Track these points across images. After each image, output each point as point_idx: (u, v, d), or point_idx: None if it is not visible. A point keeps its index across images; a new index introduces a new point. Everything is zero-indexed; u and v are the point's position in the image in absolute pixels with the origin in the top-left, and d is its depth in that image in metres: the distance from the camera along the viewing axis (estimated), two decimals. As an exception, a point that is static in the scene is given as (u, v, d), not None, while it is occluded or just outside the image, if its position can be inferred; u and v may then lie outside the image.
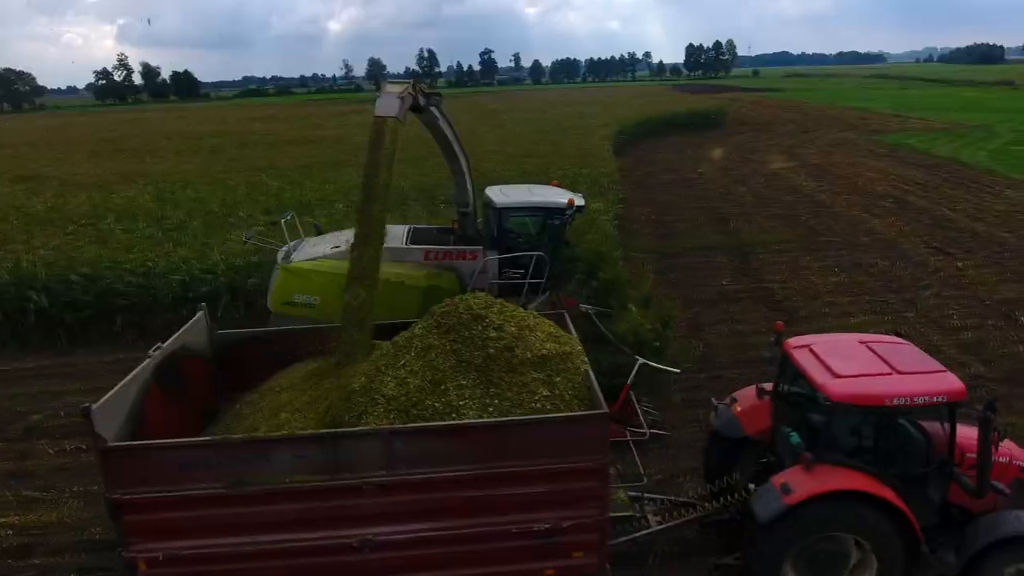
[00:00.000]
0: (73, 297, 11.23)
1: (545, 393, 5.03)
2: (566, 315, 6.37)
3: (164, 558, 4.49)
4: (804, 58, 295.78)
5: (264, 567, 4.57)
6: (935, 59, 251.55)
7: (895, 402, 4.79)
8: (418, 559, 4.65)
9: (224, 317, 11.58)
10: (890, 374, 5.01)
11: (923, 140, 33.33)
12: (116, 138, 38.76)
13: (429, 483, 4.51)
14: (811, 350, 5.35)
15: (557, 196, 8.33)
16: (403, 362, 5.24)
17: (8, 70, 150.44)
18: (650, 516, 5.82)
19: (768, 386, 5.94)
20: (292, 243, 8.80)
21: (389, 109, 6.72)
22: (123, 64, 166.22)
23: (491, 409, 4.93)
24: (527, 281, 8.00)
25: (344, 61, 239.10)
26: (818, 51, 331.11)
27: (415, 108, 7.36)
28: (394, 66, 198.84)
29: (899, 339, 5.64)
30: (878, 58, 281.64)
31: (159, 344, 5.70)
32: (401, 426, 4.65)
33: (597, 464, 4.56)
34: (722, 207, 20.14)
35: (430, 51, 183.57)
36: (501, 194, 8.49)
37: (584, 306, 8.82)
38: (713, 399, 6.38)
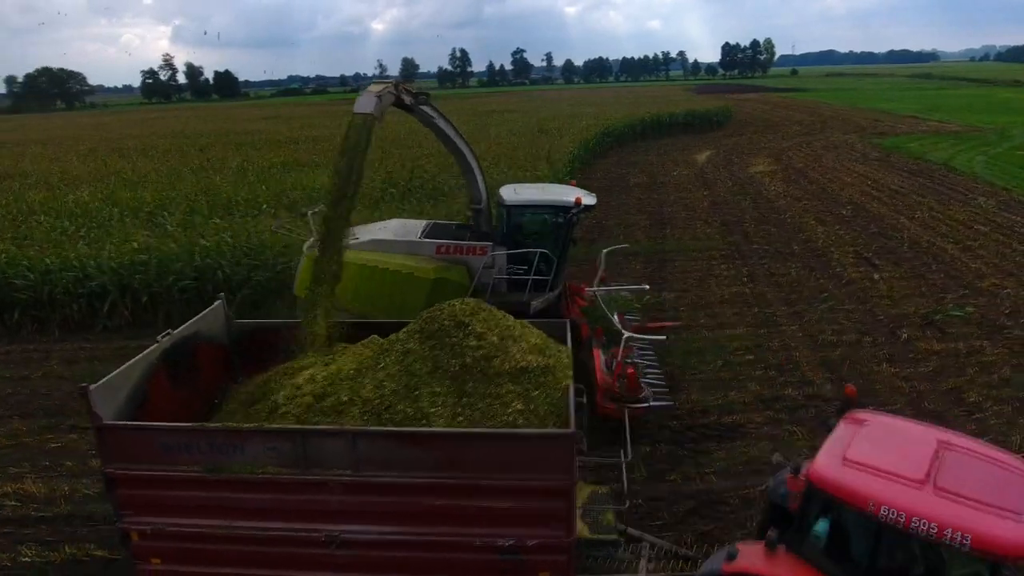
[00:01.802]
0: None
1: (519, 407, 4.92)
2: (568, 324, 6.11)
3: (151, 532, 4.79)
4: (851, 57, 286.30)
5: (239, 551, 4.74)
6: (991, 58, 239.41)
7: (884, 513, 3.64)
8: (383, 561, 4.65)
9: (111, 313, 12.08)
10: (921, 485, 3.75)
11: (926, 144, 31.84)
12: (116, 137, 40.31)
13: (393, 487, 4.49)
14: (861, 426, 4.30)
15: (567, 195, 8.37)
16: (383, 364, 5.31)
17: (62, 70, 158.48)
18: (642, 561, 5.27)
19: None
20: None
21: (365, 106, 6.90)
22: (168, 64, 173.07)
23: (461, 419, 4.87)
24: (531, 278, 8.12)
25: (379, 61, 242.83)
26: (867, 49, 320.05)
27: (405, 107, 7.57)
28: (428, 65, 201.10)
29: (998, 451, 4.26)
30: (931, 57, 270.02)
31: (168, 331, 5.96)
32: (365, 428, 4.70)
33: (562, 484, 4.37)
34: (671, 211, 19.67)
35: (463, 51, 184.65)
36: (512, 192, 8.63)
37: (590, 290, 9.04)
38: (775, 456, 5.57)
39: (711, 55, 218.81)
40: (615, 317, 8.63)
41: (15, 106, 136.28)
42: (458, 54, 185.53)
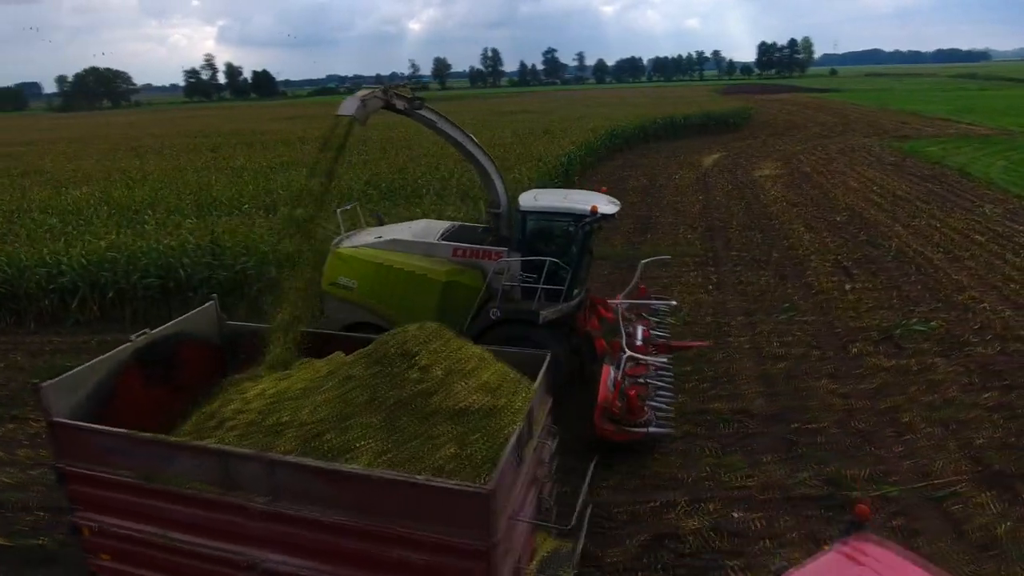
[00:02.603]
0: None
1: (452, 451, 4.50)
2: (547, 357, 5.41)
3: (98, 529, 4.86)
4: (896, 56, 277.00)
5: (175, 562, 4.69)
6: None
7: None
8: None
9: (81, 308, 12.48)
10: None
11: (948, 148, 30.60)
12: (137, 136, 41.66)
13: (308, 522, 4.24)
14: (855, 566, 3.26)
15: (585, 203, 7.93)
16: (325, 387, 5.06)
17: (108, 70, 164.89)
18: None
19: None
20: (354, 231, 9.25)
21: (347, 109, 6.89)
22: (209, 64, 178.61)
23: (385, 457, 4.53)
24: (541, 287, 7.91)
25: (411, 60, 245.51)
26: (913, 48, 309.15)
27: (402, 112, 7.55)
28: (459, 65, 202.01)
29: None
30: (981, 56, 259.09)
31: (145, 330, 5.94)
32: (282, 456, 4.44)
33: (478, 547, 3.92)
34: (659, 216, 19.33)
35: (494, 51, 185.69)
36: (531, 197, 8.43)
37: (613, 302, 8.92)
38: (776, 565, 5.24)
39: (748, 54, 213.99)
40: (638, 333, 8.45)
41: (65, 105, 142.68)
42: (489, 54, 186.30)
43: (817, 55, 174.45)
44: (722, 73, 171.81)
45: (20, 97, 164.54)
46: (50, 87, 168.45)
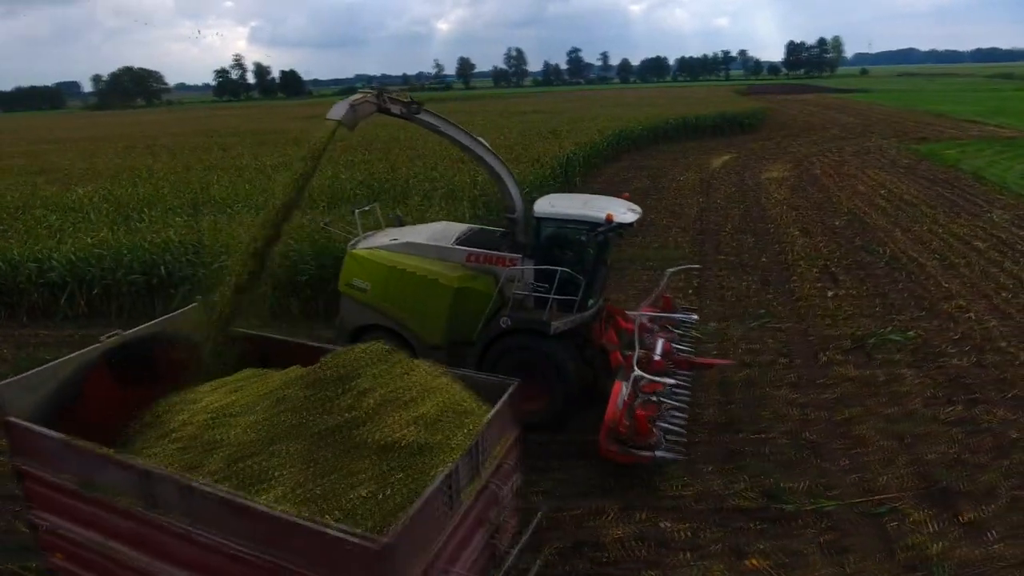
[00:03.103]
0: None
1: (367, 491, 4.10)
2: (512, 387, 4.96)
3: (49, 529, 4.85)
4: (933, 56, 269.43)
5: (110, 569, 4.63)
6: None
7: None
8: None
9: (69, 303, 12.82)
10: None
11: (968, 150, 29.67)
12: (155, 134, 42.63)
13: (219, 550, 4.02)
14: None
15: (601, 210, 7.52)
16: (259, 407, 4.84)
17: (142, 69, 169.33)
18: None
19: None
20: (372, 232, 9.19)
21: (335, 114, 6.70)
22: (239, 64, 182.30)
23: (302, 490, 4.21)
24: (551, 296, 7.56)
25: (435, 60, 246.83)
26: (951, 48, 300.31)
27: (397, 116, 7.33)
28: (483, 64, 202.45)
29: None
30: (1022, 56, 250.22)
31: (117, 331, 5.87)
32: (192, 480, 4.23)
33: None
34: (653, 218, 19.06)
35: (518, 50, 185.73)
36: (546, 203, 8.07)
37: (632, 313, 8.70)
38: None
39: (776, 54, 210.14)
40: (658, 347, 8.15)
41: (100, 104, 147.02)
42: (513, 54, 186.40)
43: (850, 55, 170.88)
44: (748, 73, 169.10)
45: (58, 96, 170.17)
46: (89, 87, 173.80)
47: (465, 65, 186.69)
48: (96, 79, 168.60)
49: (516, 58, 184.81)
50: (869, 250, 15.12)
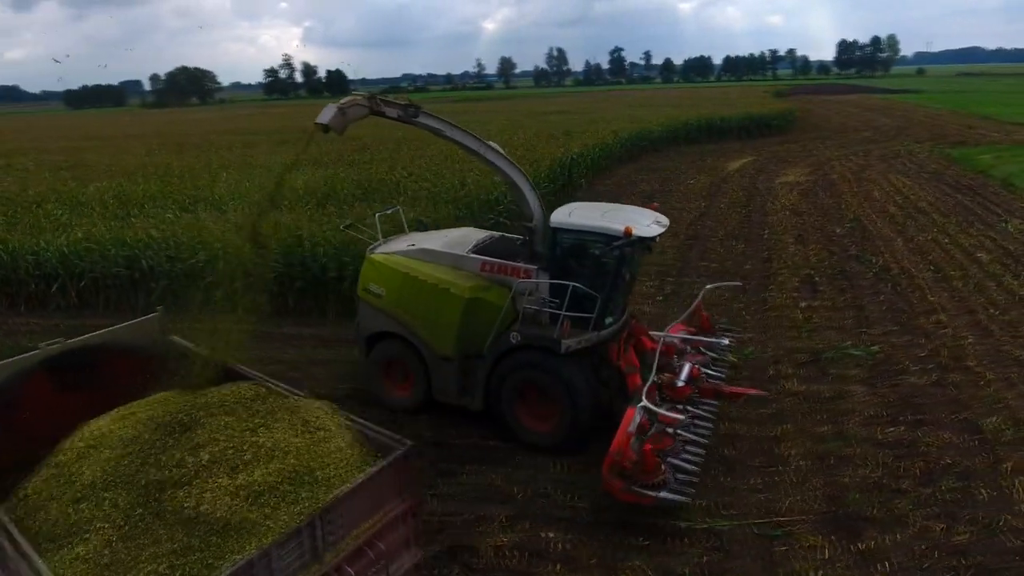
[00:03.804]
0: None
1: (158, 569, 3.71)
2: (403, 450, 4.46)
3: None
4: (999, 55, 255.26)
5: None
6: None
7: None
8: None
9: (61, 294, 13.47)
10: None
11: (1004, 156, 28.05)
12: (185, 132, 44.21)
13: None
14: None
15: (620, 222, 6.89)
16: (111, 445, 4.54)
17: (197, 69, 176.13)
18: None
19: None
20: (394, 236, 9.06)
21: (323, 117, 6.52)
22: (287, 64, 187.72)
23: (108, 550, 3.87)
24: (563, 313, 7.00)
25: (477, 60, 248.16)
26: (1020, 46, 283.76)
27: (394, 119, 7.06)
28: (525, 64, 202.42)
29: None
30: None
31: (59, 339, 5.86)
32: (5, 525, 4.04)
33: None
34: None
35: (559, 50, 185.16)
36: (564, 212, 7.46)
37: (657, 335, 8.11)
38: None
39: (828, 52, 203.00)
40: (684, 371, 7.56)
41: (157, 102, 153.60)
42: (555, 53, 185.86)
43: (910, 54, 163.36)
44: (797, 72, 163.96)
45: (121, 94, 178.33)
46: (149, 86, 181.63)
47: (506, 65, 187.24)
48: (154, 78, 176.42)
49: (557, 58, 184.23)
50: (861, 259, 14.51)
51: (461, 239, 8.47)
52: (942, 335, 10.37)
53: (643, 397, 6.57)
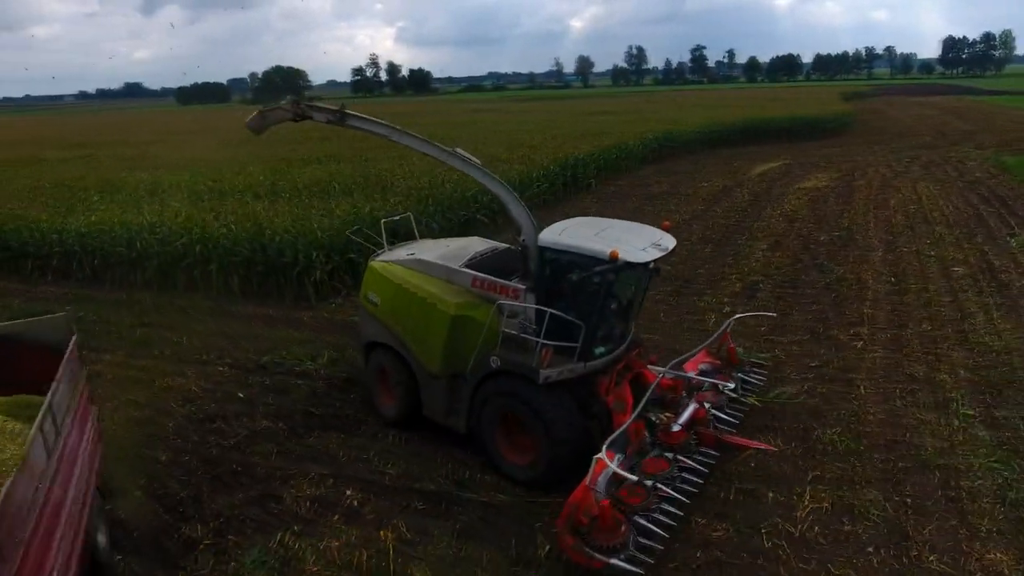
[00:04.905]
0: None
1: None
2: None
3: None
4: None
5: None
6: None
7: None
8: None
9: (79, 268, 15.50)
10: None
11: (1067, 164, 25.62)
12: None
13: None
14: None
15: (608, 244, 6.21)
16: None
17: (290, 68, 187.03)
18: None
19: None
20: (403, 243, 8.96)
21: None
22: (373, 63, 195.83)
23: None
24: (540, 341, 6.45)
25: (555, 59, 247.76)
26: None
27: (324, 122, 7.02)
28: (606, 63, 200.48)
29: None
30: None
31: None
32: None
33: None
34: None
35: (639, 48, 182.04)
36: (555, 230, 6.83)
37: (657, 369, 7.38)
38: None
39: (933, 49, 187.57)
40: (686, 413, 6.95)
41: (254, 99, 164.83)
42: (634, 51, 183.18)
43: (1015, 50, 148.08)
44: (895, 71, 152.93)
45: (225, 91, 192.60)
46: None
47: (584, 63, 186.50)
48: (252, 77, 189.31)
49: (637, 56, 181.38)
50: (823, 268, 14.11)
51: (459, 250, 8.00)
52: (851, 347, 10.15)
53: (604, 446, 5.87)
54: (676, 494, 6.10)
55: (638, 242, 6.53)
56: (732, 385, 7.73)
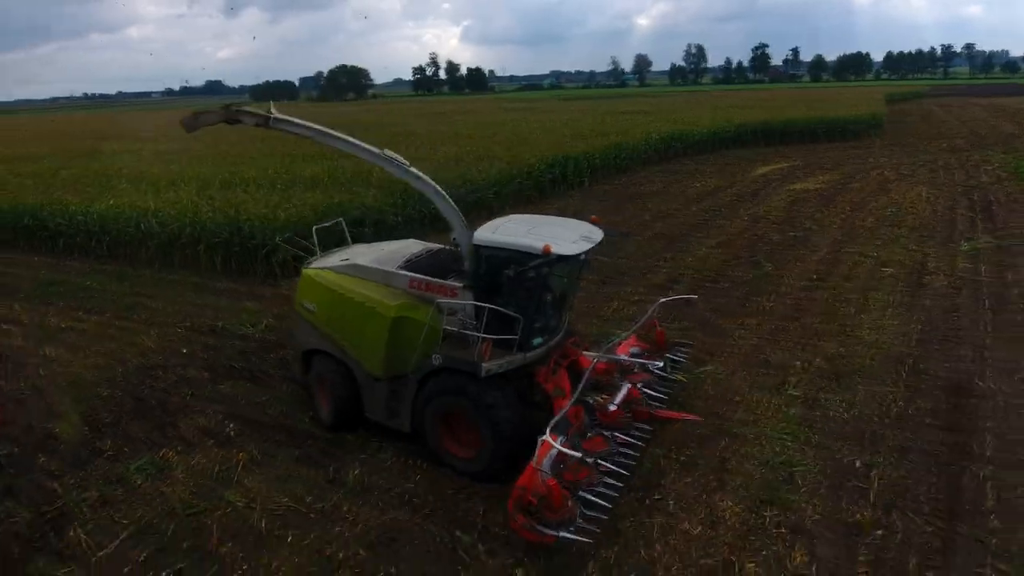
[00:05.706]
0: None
1: None
2: None
3: None
4: None
5: None
6: None
7: None
8: None
9: (96, 246, 17.87)
10: None
11: (1088, 171, 24.51)
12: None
13: None
14: None
15: (540, 240, 6.55)
16: None
17: (353, 67, 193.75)
18: None
19: None
20: (335, 249, 9.10)
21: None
22: (433, 62, 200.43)
23: None
24: (480, 335, 6.76)
25: (612, 57, 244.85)
26: None
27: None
28: (661, 63, 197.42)
29: None
30: None
31: None
32: None
33: None
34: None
35: (698, 46, 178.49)
36: (489, 228, 7.14)
37: (589, 355, 7.81)
38: None
39: (1018, 47, 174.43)
40: (620, 393, 7.49)
41: (320, 97, 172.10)
42: (693, 50, 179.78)
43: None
44: (975, 70, 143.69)
45: (293, 89, 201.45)
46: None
47: (641, 62, 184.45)
48: (318, 75, 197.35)
49: (695, 55, 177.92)
50: (755, 265, 14.69)
51: (395, 253, 8.21)
52: (729, 335, 10.87)
53: (548, 430, 6.29)
54: (616, 468, 6.65)
55: (569, 236, 6.92)
56: (660, 363, 8.37)
